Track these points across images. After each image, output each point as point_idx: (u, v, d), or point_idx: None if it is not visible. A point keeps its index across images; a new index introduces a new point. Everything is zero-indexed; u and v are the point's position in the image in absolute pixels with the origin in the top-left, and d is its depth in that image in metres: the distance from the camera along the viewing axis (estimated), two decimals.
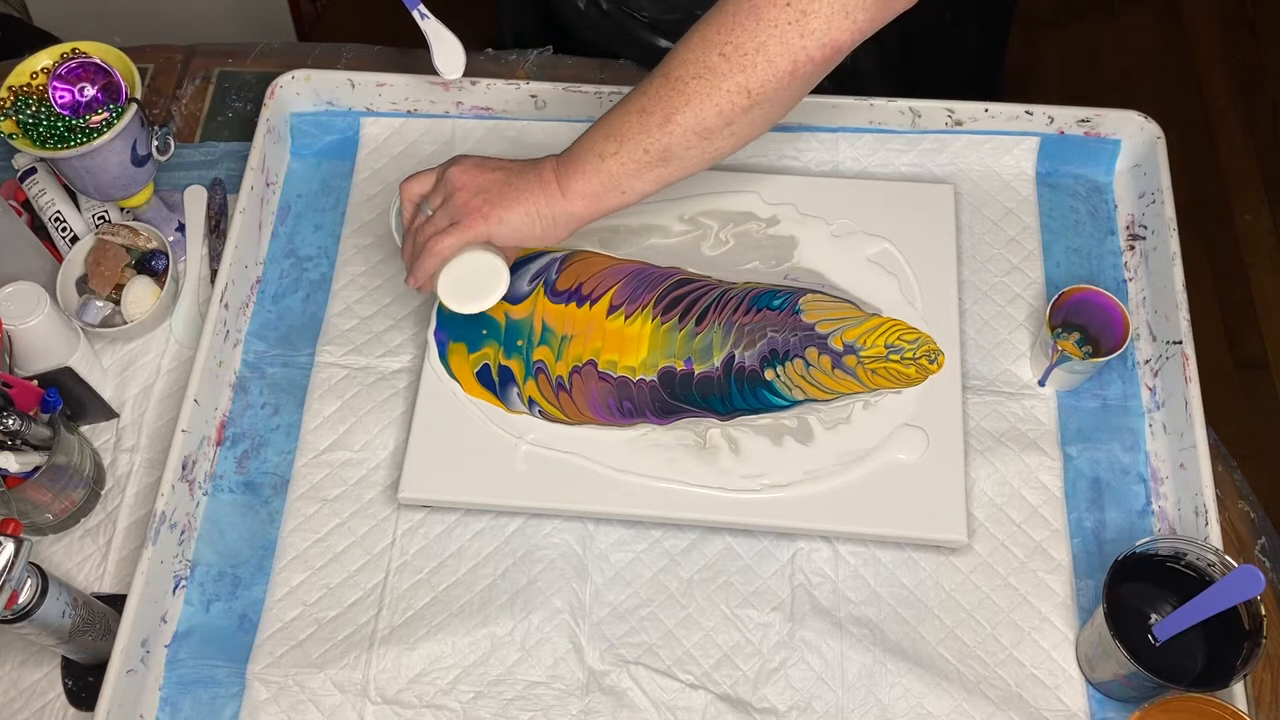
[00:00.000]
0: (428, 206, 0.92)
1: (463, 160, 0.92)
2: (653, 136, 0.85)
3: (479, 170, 0.91)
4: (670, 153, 0.86)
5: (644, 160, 0.86)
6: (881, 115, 1.11)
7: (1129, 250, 1.08)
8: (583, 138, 0.89)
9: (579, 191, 0.88)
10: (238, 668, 0.92)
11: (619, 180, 0.87)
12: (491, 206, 0.89)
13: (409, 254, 0.93)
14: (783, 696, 0.90)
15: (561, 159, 0.90)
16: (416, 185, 0.94)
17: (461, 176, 0.91)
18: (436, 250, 0.90)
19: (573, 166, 0.88)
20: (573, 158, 0.89)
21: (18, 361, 0.99)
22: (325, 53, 1.23)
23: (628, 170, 0.87)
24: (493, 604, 0.93)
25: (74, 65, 1.00)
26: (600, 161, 0.87)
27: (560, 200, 0.89)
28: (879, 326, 1.02)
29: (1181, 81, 2.20)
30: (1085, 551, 0.95)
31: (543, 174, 0.90)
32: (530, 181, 0.90)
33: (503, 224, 0.89)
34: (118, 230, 1.06)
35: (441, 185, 0.92)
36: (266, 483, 0.99)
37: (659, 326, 1.02)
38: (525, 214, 0.89)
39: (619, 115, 0.87)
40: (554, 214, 0.90)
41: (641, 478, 0.96)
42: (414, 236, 0.92)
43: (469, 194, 0.90)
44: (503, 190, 0.90)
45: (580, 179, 0.88)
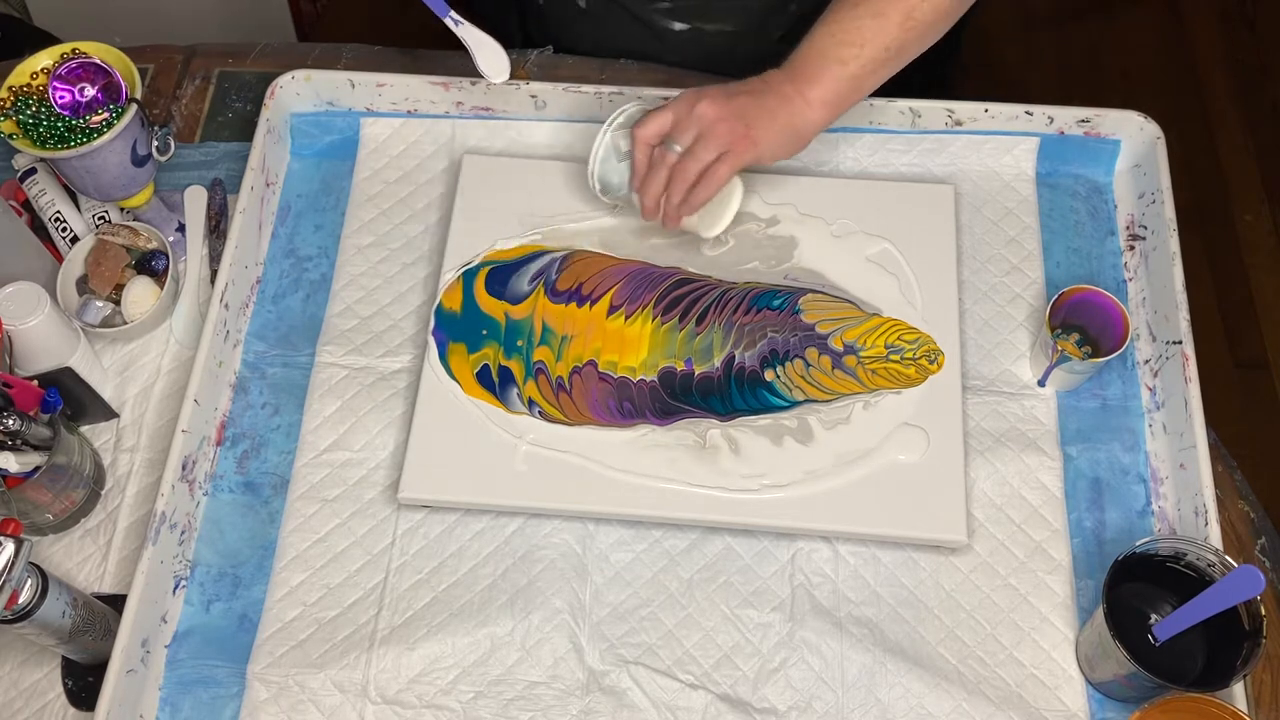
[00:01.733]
0: (675, 144, 0.94)
1: (707, 92, 0.94)
2: (892, 35, 0.92)
3: (728, 99, 0.93)
4: (905, 47, 0.93)
5: (883, 59, 0.93)
6: (881, 115, 1.11)
7: (1129, 250, 1.08)
8: (810, 47, 0.94)
9: (821, 99, 0.94)
10: (238, 668, 0.92)
11: (860, 82, 0.94)
12: (754, 129, 0.93)
13: (658, 193, 0.96)
14: (783, 696, 0.90)
15: (793, 72, 0.94)
16: (654, 126, 0.95)
17: (714, 108, 0.92)
18: (716, 178, 0.93)
19: (810, 76, 0.93)
20: (807, 68, 0.94)
21: (18, 361, 0.99)
22: (325, 53, 1.23)
23: (867, 70, 0.94)
24: (493, 604, 0.93)
25: (74, 65, 1.00)
26: (842, 68, 0.93)
27: (806, 110, 0.94)
28: (879, 326, 1.02)
29: (1181, 81, 2.20)
30: (1085, 551, 0.96)
31: (783, 89, 0.94)
32: (777, 99, 0.94)
33: (766, 145, 0.93)
34: (118, 230, 1.06)
35: (693, 120, 0.93)
36: (266, 483, 0.99)
37: (659, 327, 1.02)
38: (780, 131, 0.94)
39: (851, 20, 0.93)
40: (803, 126, 0.94)
41: (641, 478, 0.96)
42: (675, 173, 0.94)
43: (729, 123, 0.92)
44: (757, 112, 0.93)
45: (821, 87, 0.93)
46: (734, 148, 0.93)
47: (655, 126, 0.95)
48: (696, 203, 0.95)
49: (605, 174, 1.00)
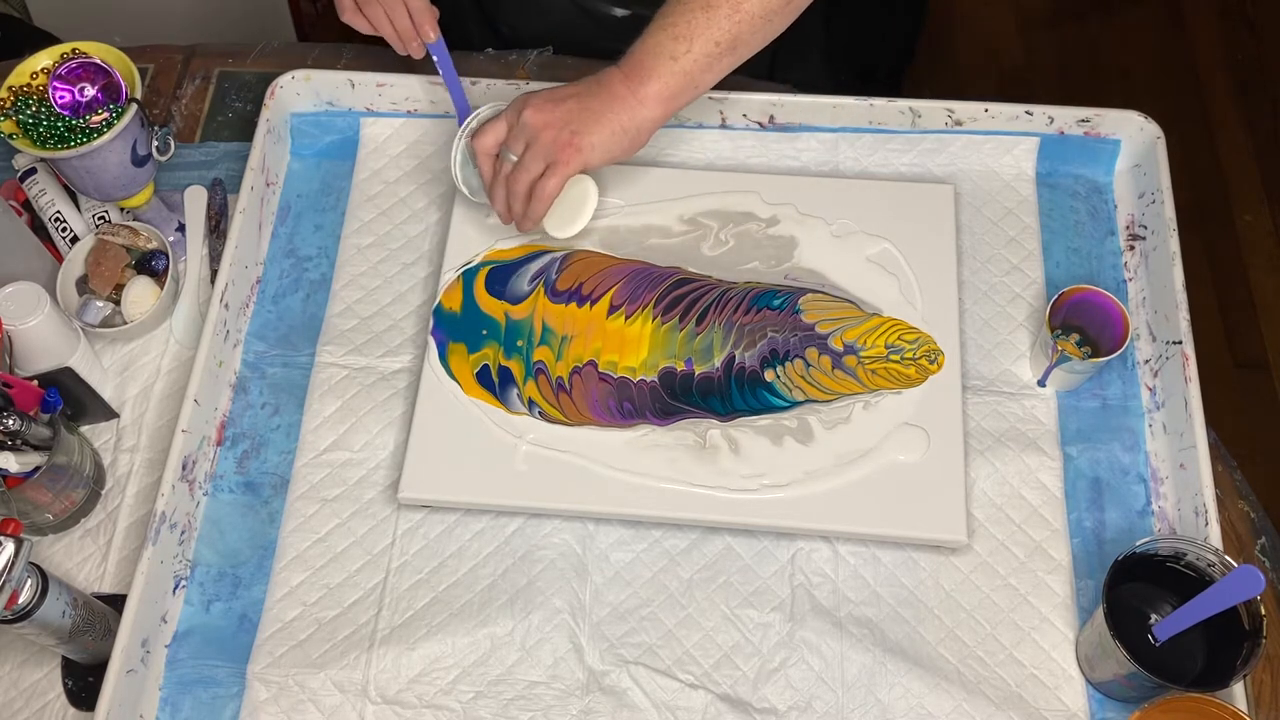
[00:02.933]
0: (510, 154, 0.94)
1: (532, 99, 0.94)
2: (722, 28, 0.89)
3: (552, 105, 0.93)
4: (739, 41, 0.90)
5: (715, 53, 0.91)
6: (881, 115, 1.11)
7: (1129, 250, 1.08)
8: (644, 42, 0.92)
9: (655, 96, 0.92)
10: (238, 668, 0.92)
11: (693, 77, 0.92)
12: (579, 136, 0.92)
13: (503, 203, 0.97)
14: (783, 696, 0.90)
15: (627, 68, 0.93)
16: (490, 137, 0.95)
17: (538, 116, 0.92)
18: (545, 194, 0.93)
19: (643, 72, 0.92)
20: (640, 64, 0.92)
21: (18, 361, 0.99)
22: (325, 53, 1.23)
23: (700, 66, 0.91)
24: (493, 604, 0.93)
25: (74, 65, 1.00)
26: (673, 63, 0.91)
27: (639, 109, 0.92)
28: (879, 326, 1.02)
29: (1181, 81, 2.20)
30: (1085, 551, 0.96)
31: (614, 88, 0.92)
32: (605, 100, 0.92)
33: (595, 150, 0.92)
34: (118, 230, 1.06)
35: (520, 130, 0.93)
36: (266, 483, 0.99)
37: (659, 327, 1.02)
38: (611, 133, 0.92)
39: (681, 14, 0.91)
40: (636, 125, 0.93)
41: (641, 478, 0.96)
42: (508, 186, 0.95)
43: (554, 130, 0.92)
44: (583, 116, 0.92)
45: (655, 83, 0.91)
46: (559, 157, 0.92)
47: (491, 137, 0.96)
48: (536, 216, 0.96)
49: (468, 178, 1.03)
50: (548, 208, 0.95)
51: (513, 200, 0.96)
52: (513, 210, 0.97)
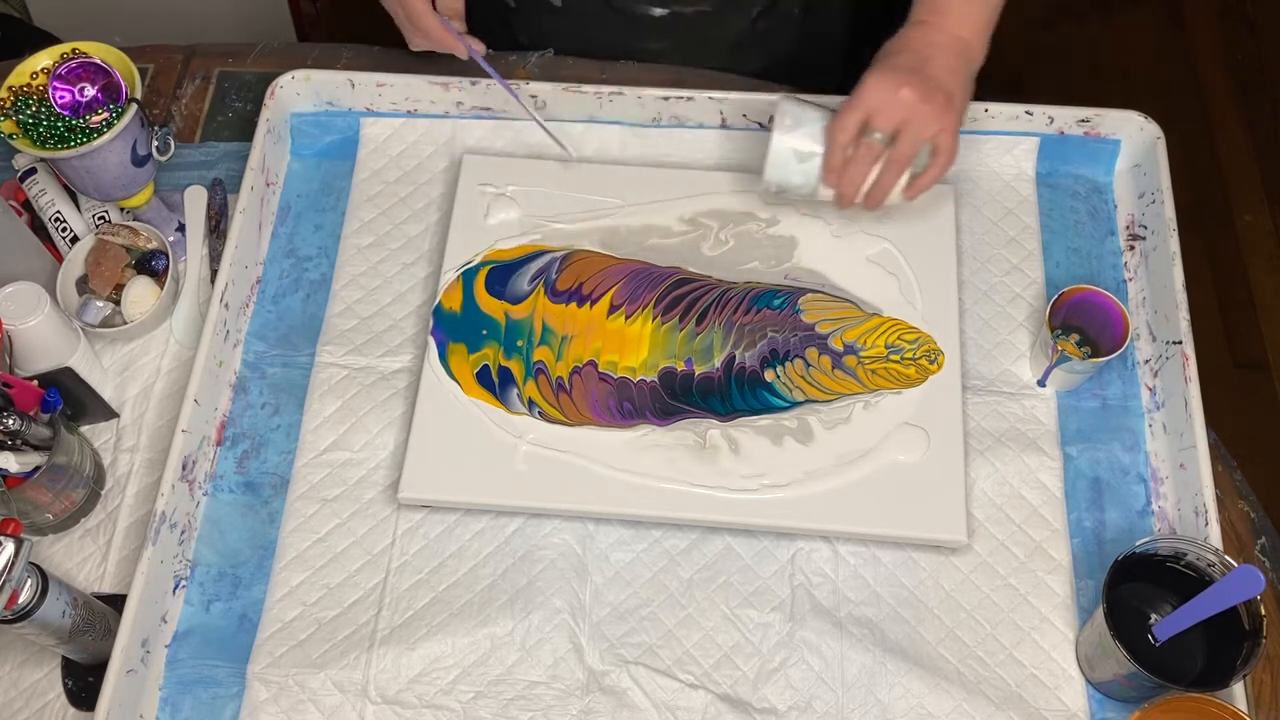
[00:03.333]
0: (875, 133, 0.94)
1: (897, 76, 0.93)
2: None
3: (921, 76, 0.93)
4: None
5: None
6: None
7: (1129, 250, 1.08)
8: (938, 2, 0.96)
9: (981, 33, 0.97)
10: (238, 668, 0.92)
11: (997, 10, 0.98)
12: (955, 96, 0.94)
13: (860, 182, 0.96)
14: (783, 696, 0.90)
15: (937, 21, 0.96)
16: (853, 121, 0.94)
17: (914, 90, 0.92)
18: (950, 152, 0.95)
19: (964, 16, 0.96)
20: (950, 12, 0.96)
21: (18, 361, 0.99)
22: (325, 53, 1.23)
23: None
24: (493, 604, 0.93)
25: (74, 65, 1.00)
26: (985, 6, 0.97)
27: (970, 52, 0.97)
28: (879, 326, 1.02)
29: (1181, 81, 2.20)
30: (1085, 551, 0.95)
31: (945, 43, 0.95)
32: (947, 54, 0.95)
33: (963, 103, 0.95)
34: (118, 230, 1.06)
35: (896, 106, 0.93)
36: (266, 483, 0.99)
37: (659, 327, 1.02)
38: (967, 83, 0.96)
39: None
40: (972, 70, 0.97)
41: (641, 478, 0.96)
42: (894, 159, 0.95)
43: (934, 98, 0.93)
44: (946, 76, 0.94)
45: (978, 20, 0.97)
46: (945, 123, 0.93)
47: (855, 123, 0.94)
48: (931, 180, 0.97)
49: (786, 178, 1.00)
50: (948, 168, 0.96)
51: (887, 173, 0.96)
52: (880, 184, 0.96)
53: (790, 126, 0.98)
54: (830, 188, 0.98)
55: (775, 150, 0.98)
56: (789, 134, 0.98)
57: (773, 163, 0.99)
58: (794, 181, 0.99)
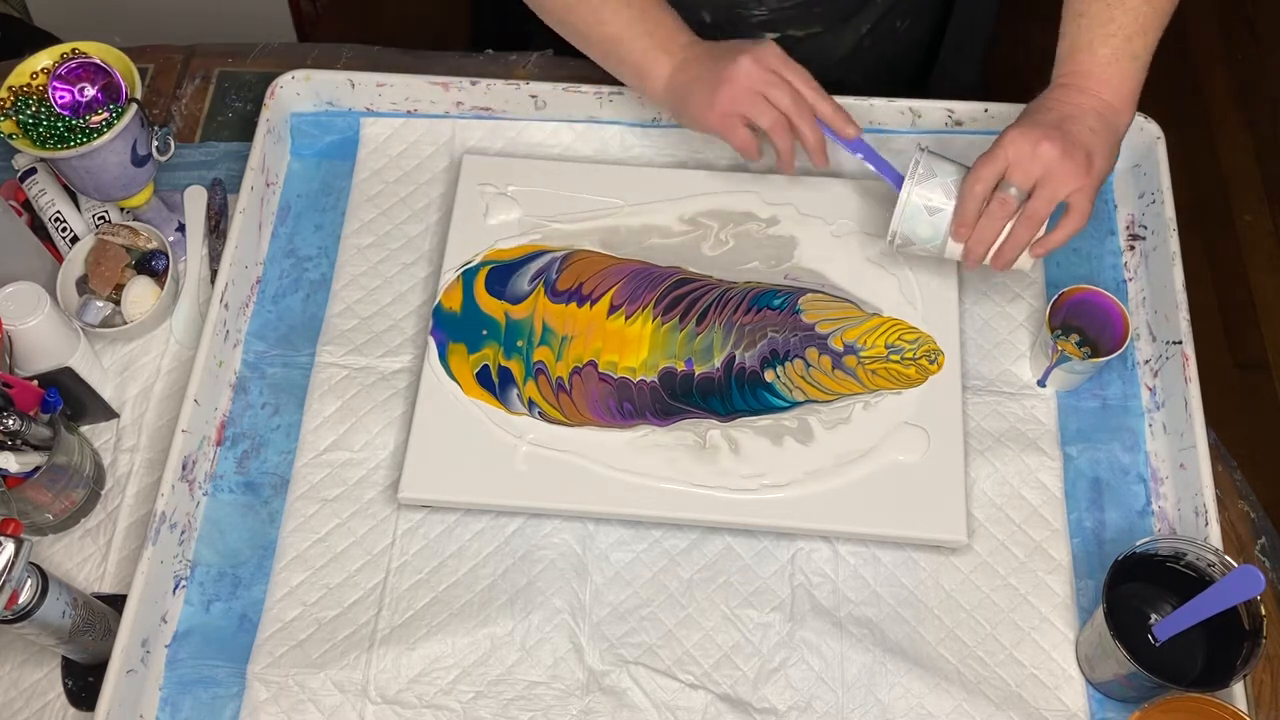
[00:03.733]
0: (1011, 187, 0.91)
1: (1038, 131, 0.90)
2: (1165, 13, 0.93)
3: (1063, 135, 0.91)
4: (1169, 16, 0.94)
5: (1158, 36, 0.93)
6: (881, 115, 1.11)
7: (1129, 250, 1.08)
8: (1094, 53, 0.93)
9: (1128, 97, 0.93)
10: (238, 668, 0.92)
11: (1146, 67, 0.94)
12: (1095, 156, 0.91)
13: (991, 240, 0.93)
14: (783, 696, 0.90)
15: (1086, 83, 0.93)
16: (990, 173, 0.92)
17: (1056, 146, 0.90)
18: (1081, 215, 0.91)
19: (1110, 80, 0.93)
20: (1104, 73, 0.92)
21: (18, 361, 0.99)
22: (325, 53, 1.23)
23: (1149, 51, 0.94)
24: (493, 604, 0.93)
25: (74, 65, 1.00)
26: (1134, 62, 0.93)
27: (1119, 118, 0.93)
28: (879, 326, 1.02)
29: (1181, 81, 2.20)
30: (1085, 551, 0.95)
31: (1091, 104, 0.92)
32: (1092, 116, 0.92)
33: (1104, 167, 0.92)
34: (118, 230, 1.06)
35: (1036, 162, 0.90)
36: (266, 483, 0.99)
37: (659, 327, 1.02)
38: (1111, 149, 0.93)
39: (1124, 12, 0.92)
40: (1121, 132, 0.94)
41: (641, 478, 0.96)
42: (1023, 219, 0.92)
43: (1074, 157, 0.90)
44: (1090, 138, 0.91)
45: (1124, 84, 0.93)
46: (1083, 184, 0.90)
47: (992, 176, 0.91)
48: (1058, 241, 0.93)
49: (914, 229, 0.96)
50: (1078, 230, 0.92)
51: (1021, 230, 0.92)
52: (1016, 242, 0.93)
53: (924, 177, 0.95)
54: (959, 242, 0.95)
55: (908, 201, 0.95)
56: (922, 184, 0.95)
57: (902, 214, 0.95)
58: (922, 234, 0.96)
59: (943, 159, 0.96)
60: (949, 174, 0.95)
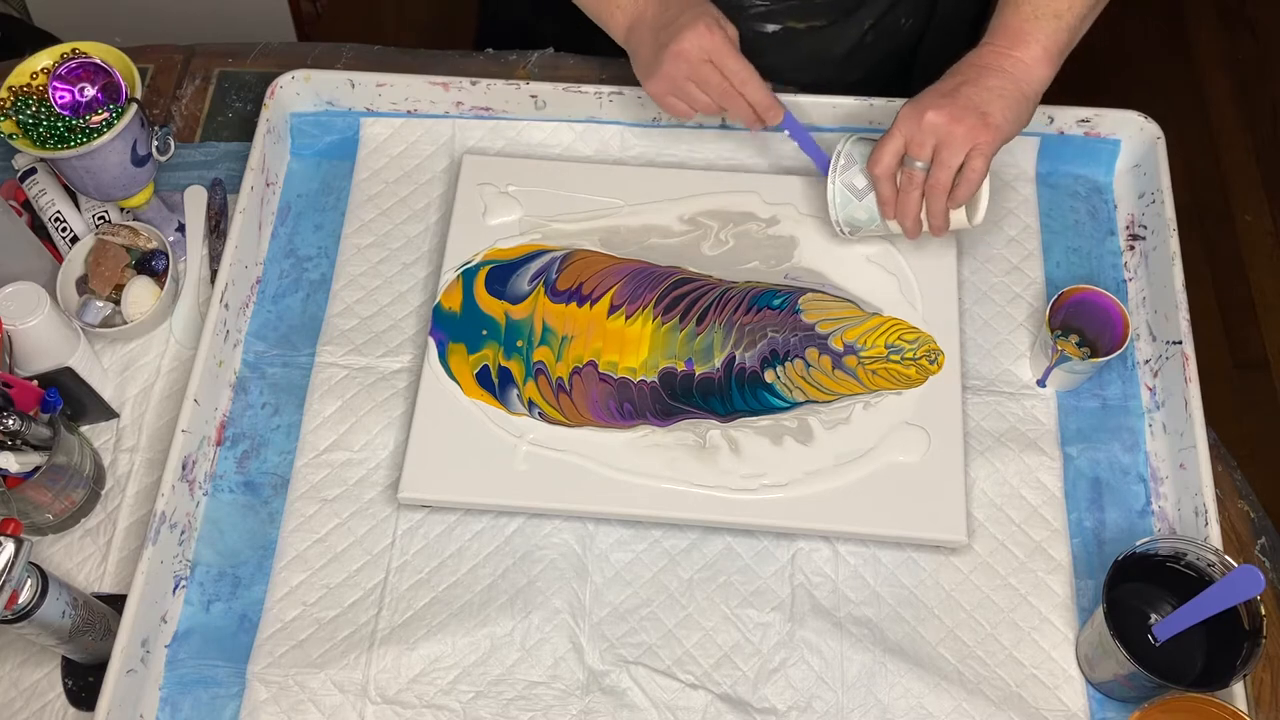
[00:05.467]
0: (915, 162, 0.93)
1: (926, 102, 0.92)
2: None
3: (952, 98, 0.92)
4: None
5: (1087, 8, 0.94)
6: (882, 115, 1.11)
7: (1129, 250, 1.08)
8: (1014, 13, 0.94)
9: (1043, 56, 0.93)
10: (238, 668, 0.92)
11: (1074, 31, 0.94)
12: (989, 116, 0.91)
13: (915, 212, 0.95)
14: (783, 696, 0.90)
15: (1003, 39, 0.94)
16: (889, 154, 0.94)
17: (942, 113, 0.91)
18: (976, 176, 0.92)
19: (1025, 38, 0.93)
20: (1020, 31, 0.93)
21: (18, 361, 0.99)
22: (325, 53, 1.23)
23: (1080, 17, 0.94)
24: (493, 604, 0.93)
25: (74, 65, 1.00)
26: (1057, 20, 0.93)
27: (1031, 72, 0.93)
28: (879, 326, 1.02)
29: (1181, 81, 2.20)
30: (1085, 551, 0.95)
31: (997, 61, 0.93)
32: (996, 76, 0.93)
33: (1006, 125, 0.92)
34: (118, 230, 1.06)
35: (925, 133, 0.92)
36: (266, 483, 0.99)
37: (659, 327, 1.02)
38: (1014, 104, 0.93)
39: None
40: (1034, 90, 0.94)
41: (641, 478, 0.96)
42: (929, 189, 0.94)
43: (965, 120, 0.91)
44: (986, 97, 0.92)
45: (1038, 44, 0.93)
46: (979, 140, 0.92)
47: (890, 154, 0.94)
48: (962, 198, 0.95)
49: (850, 215, 1.00)
50: (977, 187, 0.94)
51: (935, 202, 0.95)
52: (932, 211, 0.95)
53: (844, 166, 0.99)
54: (889, 220, 0.99)
55: (832, 190, 1.00)
56: (843, 173, 0.99)
57: (832, 202, 1.00)
58: (860, 218, 1.00)
59: (867, 142, 0.99)
60: (865, 157, 0.98)
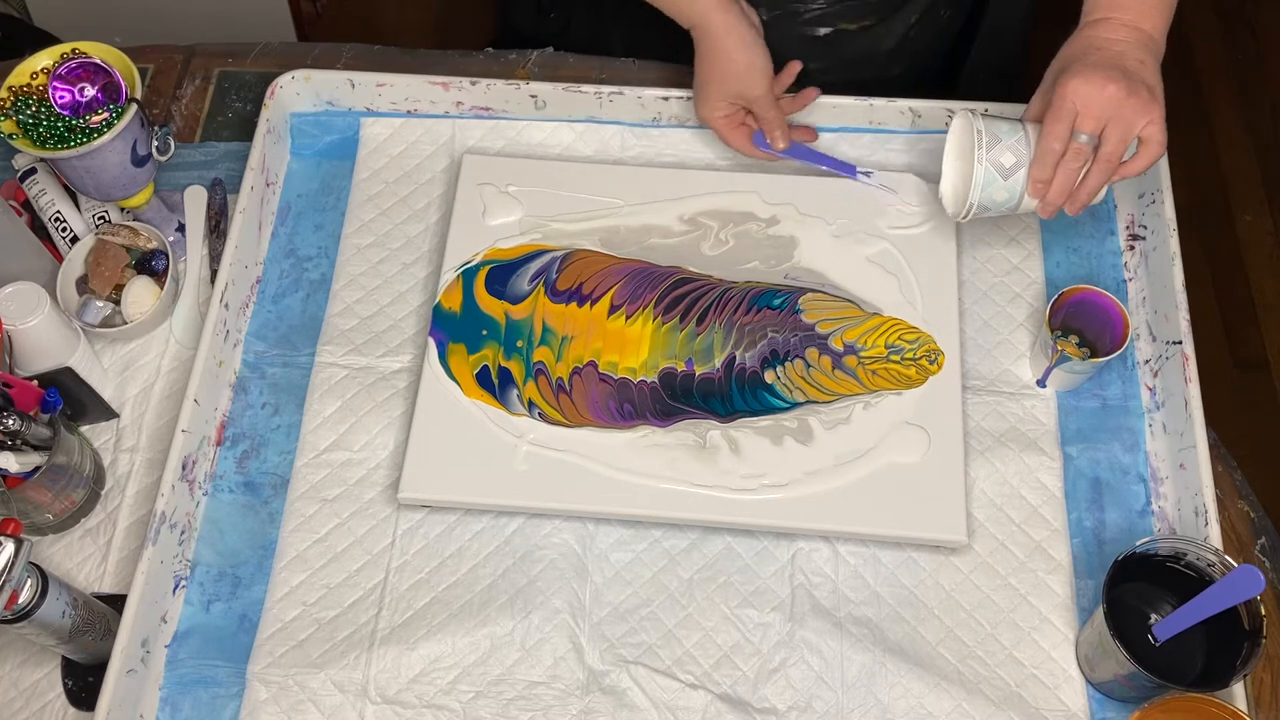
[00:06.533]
0: (1082, 135, 0.91)
1: (1085, 79, 0.90)
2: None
3: (1122, 73, 0.90)
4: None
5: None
6: (881, 115, 1.11)
7: (1129, 250, 1.08)
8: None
9: (1163, 28, 0.94)
10: (238, 668, 0.92)
11: (1174, 4, 0.95)
12: (1156, 89, 0.92)
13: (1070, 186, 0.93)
14: (783, 696, 0.90)
15: (1115, 10, 0.94)
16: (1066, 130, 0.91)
17: (1119, 87, 0.90)
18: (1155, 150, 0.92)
19: (1145, 10, 0.93)
20: (1138, 6, 0.93)
21: (18, 361, 0.99)
22: (325, 53, 1.23)
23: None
24: (493, 604, 0.93)
25: (74, 65, 1.00)
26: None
27: (1157, 46, 0.94)
28: (879, 326, 1.02)
29: (1181, 82, 2.20)
30: (1085, 551, 0.96)
31: (1129, 35, 0.93)
32: (1137, 52, 0.92)
33: (1162, 96, 0.92)
34: (118, 230, 1.06)
35: (1102, 106, 0.90)
36: (266, 483, 0.99)
37: (660, 327, 1.02)
38: (1158, 75, 0.93)
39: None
40: (1159, 64, 0.94)
41: (641, 478, 0.96)
42: (1103, 161, 0.92)
43: (1138, 95, 0.90)
44: (1142, 73, 0.91)
45: (1160, 14, 0.94)
46: (1152, 114, 0.91)
47: (1065, 129, 0.91)
48: (1135, 172, 0.94)
49: (990, 196, 0.95)
50: (1156, 159, 0.93)
51: (1097, 175, 0.93)
52: (1089, 186, 0.93)
53: (989, 144, 0.94)
54: (1036, 198, 0.94)
55: (979, 172, 0.94)
56: (991, 151, 0.94)
57: (979, 183, 0.94)
58: (999, 199, 0.95)
59: (995, 119, 0.96)
60: (1009, 133, 0.94)
